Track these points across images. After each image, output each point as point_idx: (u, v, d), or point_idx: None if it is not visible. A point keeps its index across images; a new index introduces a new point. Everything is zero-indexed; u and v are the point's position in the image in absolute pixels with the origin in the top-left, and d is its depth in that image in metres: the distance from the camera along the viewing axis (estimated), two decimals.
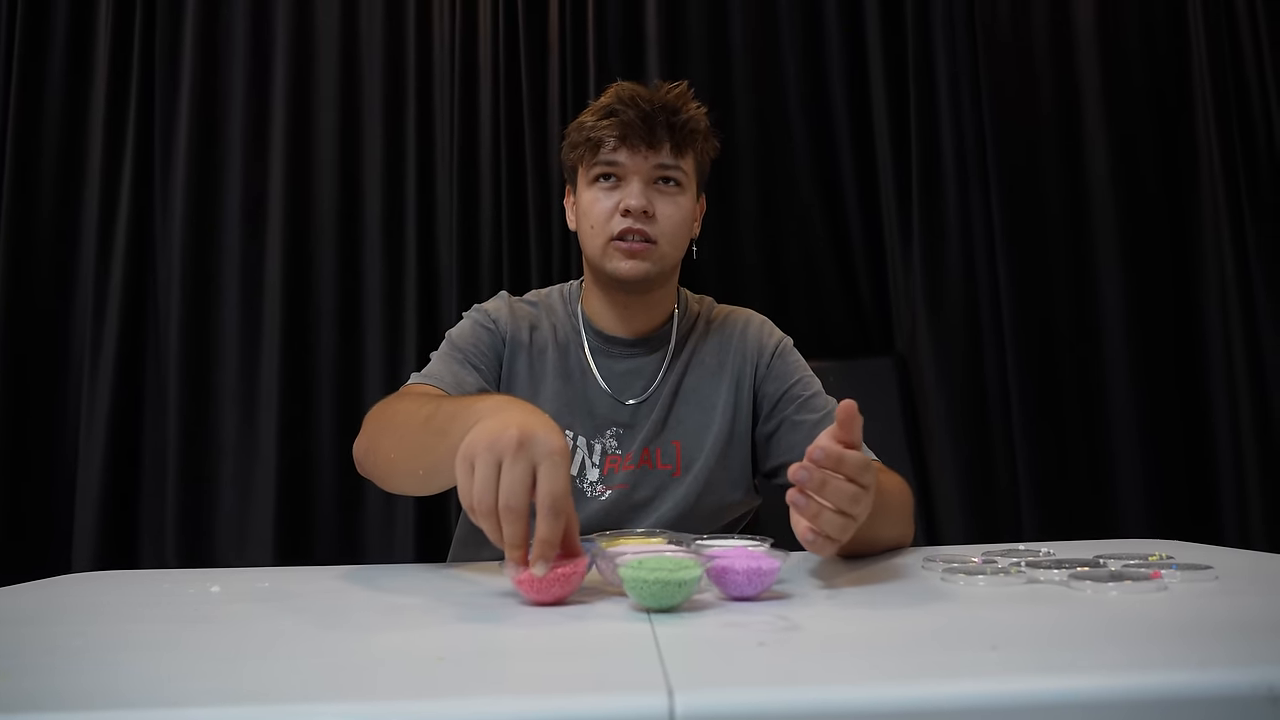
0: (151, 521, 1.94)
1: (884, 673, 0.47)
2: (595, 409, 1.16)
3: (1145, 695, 0.42)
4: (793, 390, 1.17)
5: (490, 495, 0.68)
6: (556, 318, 1.22)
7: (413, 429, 0.89)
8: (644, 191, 1.12)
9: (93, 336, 1.95)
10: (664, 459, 1.15)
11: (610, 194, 1.13)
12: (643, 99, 1.11)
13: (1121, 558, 0.82)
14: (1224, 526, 1.89)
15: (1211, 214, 1.95)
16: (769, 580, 0.70)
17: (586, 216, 1.15)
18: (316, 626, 0.65)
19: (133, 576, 0.99)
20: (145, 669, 0.52)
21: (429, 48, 2.06)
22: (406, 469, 0.91)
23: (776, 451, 1.16)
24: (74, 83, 2.04)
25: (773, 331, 1.24)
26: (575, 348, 1.20)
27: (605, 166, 1.13)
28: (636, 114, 1.10)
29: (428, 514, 1.89)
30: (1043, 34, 2.03)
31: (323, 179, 2.03)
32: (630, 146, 1.11)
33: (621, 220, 1.11)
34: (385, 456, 0.94)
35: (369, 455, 0.98)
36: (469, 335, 1.17)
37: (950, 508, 1.89)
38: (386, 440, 0.94)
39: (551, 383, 1.17)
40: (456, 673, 0.50)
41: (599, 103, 1.15)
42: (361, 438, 1.01)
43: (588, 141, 1.13)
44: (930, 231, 1.98)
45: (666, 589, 0.64)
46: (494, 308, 1.22)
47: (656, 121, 1.11)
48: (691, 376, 1.19)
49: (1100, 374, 1.95)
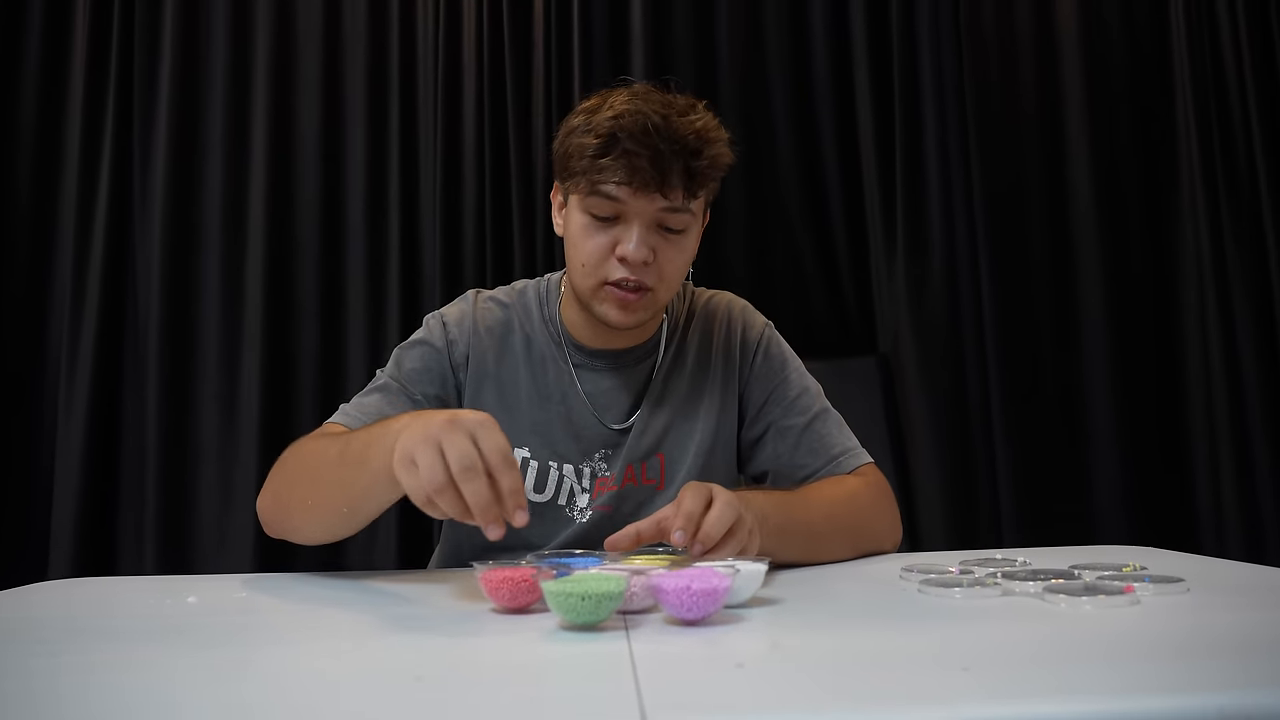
0: (130, 525, 1.92)
1: (860, 696, 0.48)
2: (581, 432, 1.07)
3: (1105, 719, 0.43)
4: (778, 391, 1.11)
5: (442, 472, 0.69)
6: (532, 325, 1.10)
7: (326, 469, 0.86)
8: (645, 238, 0.97)
9: (70, 336, 1.93)
10: (648, 474, 1.08)
11: (606, 231, 0.98)
12: (658, 134, 0.93)
13: (1096, 568, 0.83)
14: (1200, 528, 1.92)
15: (1191, 219, 1.97)
16: (713, 602, 0.65)
17: (576, 249, 1.01)
18: (293, 644, 0.65)
19: (109, 585, 0.98)
20: (117, 692, 0.52)
21: (412, 45, 2.04)
22: (328, 510, 0.87)
23: (762, 456, 1.11)
24: (51, 73, 2.01)
25: (754, 322, 1.16)
26: (555, 363, 1.09)
27: (606, 204, 0.97)
28: (649, 157, 0.93)
29: (409, 519, 1.89)
30: (1026, 37, 2.04)
31: (304, 176, 2.01)
32: (636, 188, 0.95)
33: (618, 267, 0.98)
34: (301, 505, 0.89)
35: (277, 512, 0.93)
36: (416, 361, 1.06)
37: (931, 507, 1.91)
38: (299, 490, 0.90)
39: (528, 411, 1.06)
40: (433, 694, 0.50)
41: (602, 119, 0.95)
42: (265, 497, 0.94)
43: (584, 173, 0.96)
44: (914, 233, 1.99)
45: (585, 603, 0.63)
46: (455, 319, 1.09)
47: (671, 166, 0.94)
48: (675, 381, 1.10)
49: (1080, 376, 1.97)
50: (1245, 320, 1.90)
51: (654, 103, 0.96)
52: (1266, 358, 1.89)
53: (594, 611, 0.63)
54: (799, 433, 1.09)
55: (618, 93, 0.99)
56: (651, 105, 0.95)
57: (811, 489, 1.02)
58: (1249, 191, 1.93)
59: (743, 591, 0.71)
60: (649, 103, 0.95)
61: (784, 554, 0.90)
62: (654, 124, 0.93)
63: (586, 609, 0.63)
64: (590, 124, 0.96)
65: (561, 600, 0.64)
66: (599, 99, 1.00)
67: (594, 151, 0.95)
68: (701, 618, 0.65)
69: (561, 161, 1.01)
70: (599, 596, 0.63)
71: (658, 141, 0.93)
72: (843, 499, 1.02)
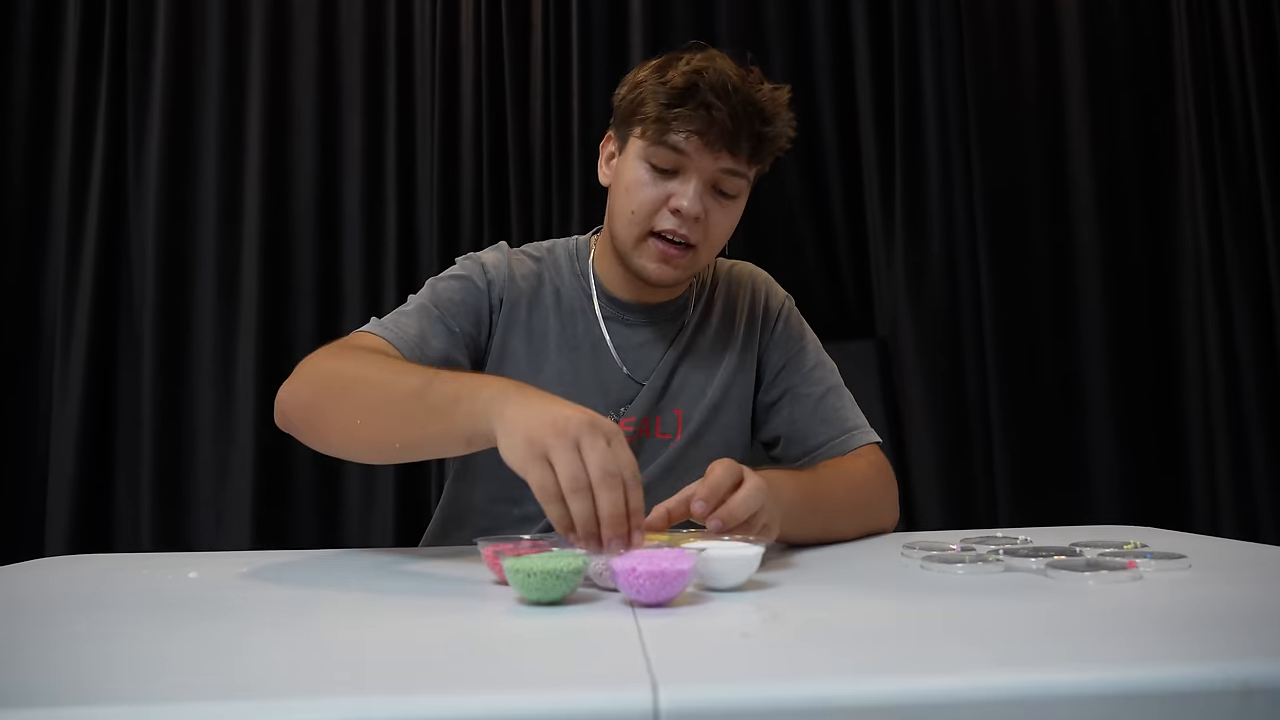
0: (127, 503, 1.92)
1: (865, 667, 0.48)
2: (607, 383, 1.07)
3: (1120, 689, 0.43)
4: (796, 359, 1.13)
5: (583, 474, 0.67)
6: (561, 279, 1.10)
7: (396, 402, 0.82)
8: (701, 195, 0.97)
9: (64, 316, 1.91)
10: (664, 428, 1.08)
11: (662, 182, 0.98)
12: (736, 93, 0.94)
13: (1097, 546, 0.83)
14: (1195, 512, 1.93)
15: (1189, 206, 1.97)
16: (665, 586, 0.62)
17: (627, 196, 1.00)
18: (296, 617, 0.65)
19: (108, 561, 0.98)
20: (119, 663, 0.51)
21: (409, 27, 2.03)
22: (380, 441, 0.85)
23: (776, 421, 1.11)
24: (44, 54, 1.99)
25: (776, 292, 1.18)
26: (584, 314, 1.09)
27: (669, 155, 0.97)
28: (727, 111, 0.93)
29: (406, 496, 1.88)
30: (1028, 22, 2.04)
31: (300, 157, 2.00)
32: (706, 144, 0.95)
33: (669, 218, 0.98)
34: (347, 424, 0.86)
35: (309, 418, 0.89)
36: (455, 294, 1.05)
37: (928, 490, 1.92)
38: (348, 407, 0.85)
39: (556, 360, 1.06)
40: (441, 667, 0.50)
41: (679, 74, 0.95)
42: (300, 390, 0.90)
43: (656, 120, 0.95)
44: (913, 217, 1.99)
45: (532, 580, 0.63)
46: (492, 263, 1.08)
47: (743, 127, 0.95)
48: (699, 340, 1.11)
49: (1077, 363, 1.98)
50: (1243, 310, 1.91)
51: (729, 64, 0.97)
52: (1263, 348, 1.89)
53: (546, 588, 0.63)
54: (815, 401, 1.10)
55: (691, 53, 0.99)
56: (728, 66, 0.96)
57: (828, 472, 1.02)
58: (1248, 182, 1.93)
59: (732, 576, 0.69)
60: (726, 64, 0.96)
61: (801, 535, 0.92)
62: (733, 83, 0.94)
63: (534, 585, 0.63)
64: (666, 76, 0.96)
65: (520, 579, 0.63)
66: (668, 57, 1.00)
67: (670, 99, 0.94)
68: (659, 601, 0.63)
69: (629, 109, 1.00)
70: (544, 574, 0.62)
71: (734, 100, 0.94)
72: (857, 482, 1.02)
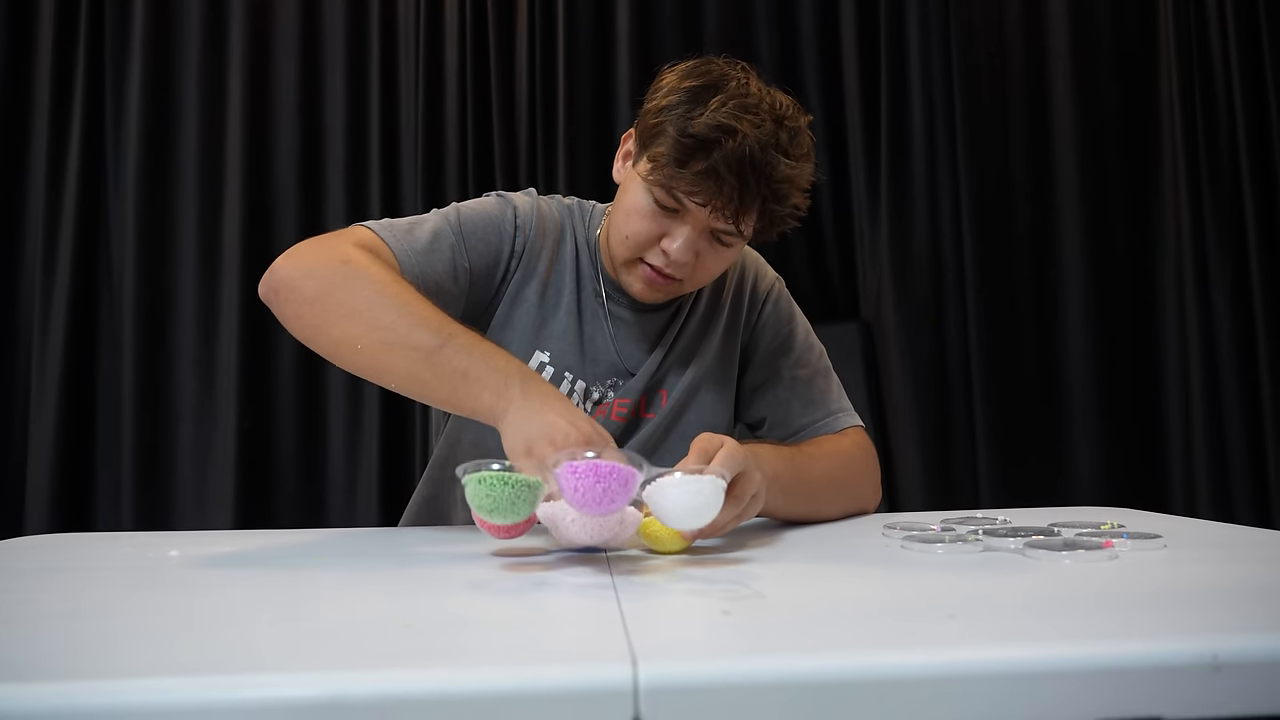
0: (107, 488, 1.91)
1: (844, 643, 0.48)
2: (600, 356, 1.07)
3: (1095, 664, 0.43)
4: (786, 341, 1.12)
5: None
6: (579, 242, 1.09)
7: (403, 348, 0.81)
8: (694, 243, 0.96)
9: (42, 295, 1.89)
10: (648, 408, 1.08)
11: (661, 219, 0.96)
12: (753, 169, 0.89)
13: (1075, 526, 0.84)
14: (1171, 494, 1.96)
15: (1172, 193, 1.99)
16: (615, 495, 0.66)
17: (626, 220, 0.98)
18: (280, 593, 0.65)
19: (88, 539, 0.97)
20: (100, 638, 0.51)
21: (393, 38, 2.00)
22: (370, 368, 0.85)
23: (762, 402, 1.11)
24: (19, 24, 1.95)
25: (766, 273, 1.17)
26: (592, 283, 1.08)
27: (669, 200, 0.94)
28: (736, 186, 0.90)
29: (390, 476, 1.88)
30: (1014, 11, 2.04)
31: (282, 129, 1.98)
32: (708, 208, 0.93)
33: (658, 254, 0.97)
34: (343, 336, 0.84)
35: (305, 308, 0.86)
36: (481, 222, 1.01)
37: (910, 471, 1.93)
38: (352, 328, 0.83)
39: (563, 318, 1.05)
40: (422, 642, 0.50)
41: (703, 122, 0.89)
42: (304, 284, 0.86)
43: (666, 165, 0.91)
44: (898, 201, 1.99)
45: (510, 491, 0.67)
46: (524, 208, 1.05)
47: (753, 204, 0.92)
48: (690, 324, 1.11)
49: (1059, 346, 2.00)
50: (1221, 297, 1.93)
51: (763, 122, 0.90)
52: (1241, 334, 1.92)
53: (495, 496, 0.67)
54: (802, 384, 1.10)
55: (731, 83, 0.92)
56: (759, 128, 0.90)
57: (812, 449, 1.02)
58: (1229, 173, 1.95)
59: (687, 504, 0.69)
60: (758, 121, 0.90)
61: (786, 508, 0.92)
62: (753, 155, 0.89)
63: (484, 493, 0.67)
64: (693, 114, 0.90)
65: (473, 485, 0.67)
66: (706, 77, 0.93)
67: (683, 154, 0.90)
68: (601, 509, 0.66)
69: (649, 131, 0.95)
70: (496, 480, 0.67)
71: (749, 175, 0.89)
72: (841, 461, 1.03)
